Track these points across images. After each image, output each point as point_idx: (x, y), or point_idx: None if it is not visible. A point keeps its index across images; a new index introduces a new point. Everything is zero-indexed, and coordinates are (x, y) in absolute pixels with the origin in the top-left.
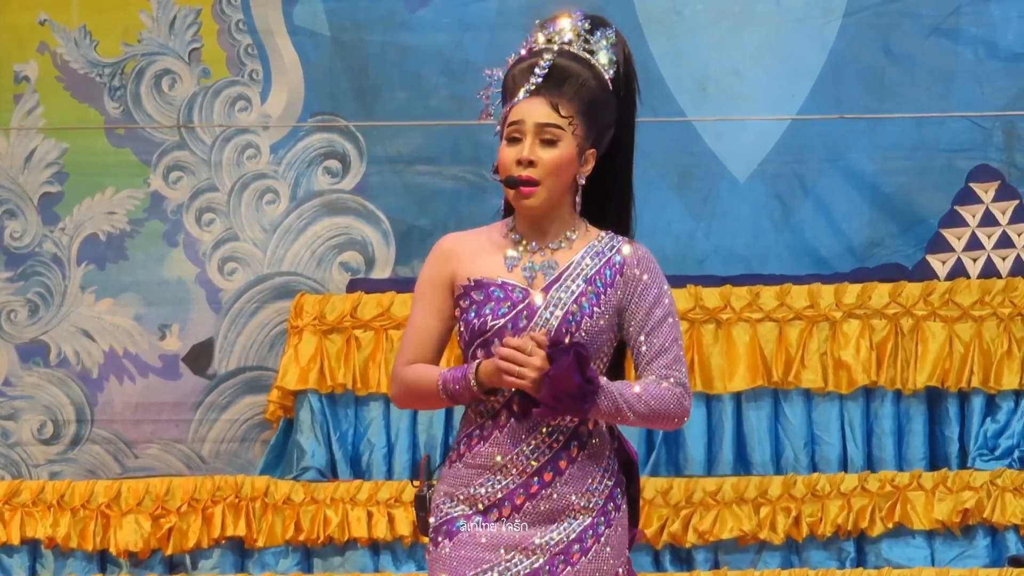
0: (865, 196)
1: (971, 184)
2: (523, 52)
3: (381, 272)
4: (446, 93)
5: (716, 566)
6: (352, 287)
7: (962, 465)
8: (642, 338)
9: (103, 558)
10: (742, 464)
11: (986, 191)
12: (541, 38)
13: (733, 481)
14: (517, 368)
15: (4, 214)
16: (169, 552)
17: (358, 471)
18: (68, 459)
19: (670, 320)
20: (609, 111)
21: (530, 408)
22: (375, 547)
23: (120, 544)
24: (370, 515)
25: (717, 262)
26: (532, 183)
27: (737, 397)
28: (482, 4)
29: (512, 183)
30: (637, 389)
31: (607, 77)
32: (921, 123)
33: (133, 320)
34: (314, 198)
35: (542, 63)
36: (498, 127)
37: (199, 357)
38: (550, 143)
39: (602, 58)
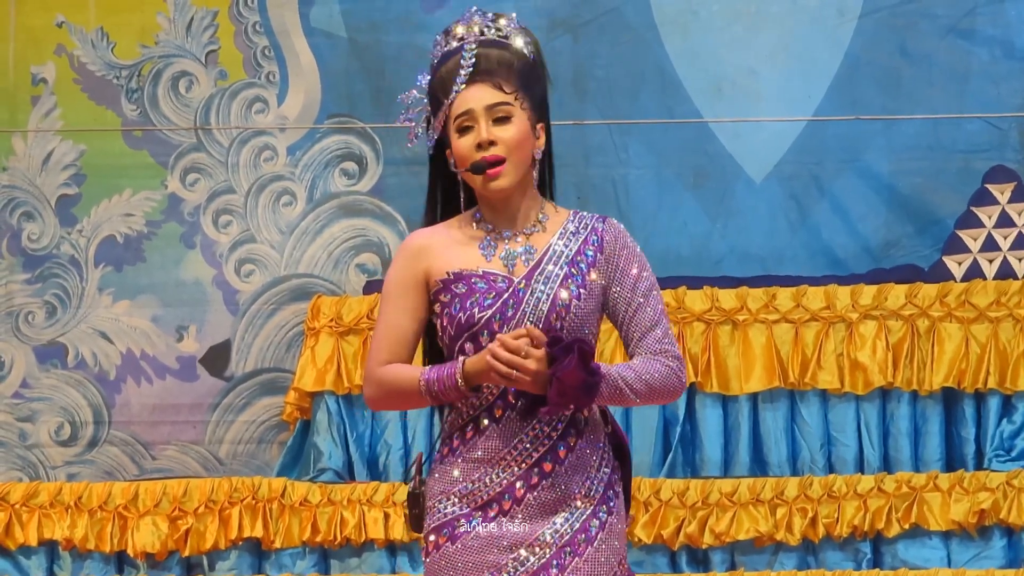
0: (881, 197)
1: (987, 185)
2: (438, 57)
3: None
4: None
5: (733, 567)
6: (369, 289)
7: (978, 466)
8: (630, 315)
9: (120, 559)
10: (758, 465)
11: (1002, 192)
12: (452, 40)
13: (749, 482)
14: (515, 373)
15: (22, 216)
16: (186, 553)
17: (375, 472)
18: (85, 461)
19: (654, 293)
20: (541, 84)
21: (535, 407)
22: (392, 548)
23: (137, 545)
24: (387, 516)
25: (733, 263)
26: (498, 161)
27: (753, 398)
28: (499, 5)
29: (479, 168)
30: (636, 369)
31: (528, 56)
32: (937, 124)
33: (150, 322)
34: (331, 200)
35: (466, 53)
36: (432, 133)
37: (216, 359)
38: (504, 120)
39: (518, 41)
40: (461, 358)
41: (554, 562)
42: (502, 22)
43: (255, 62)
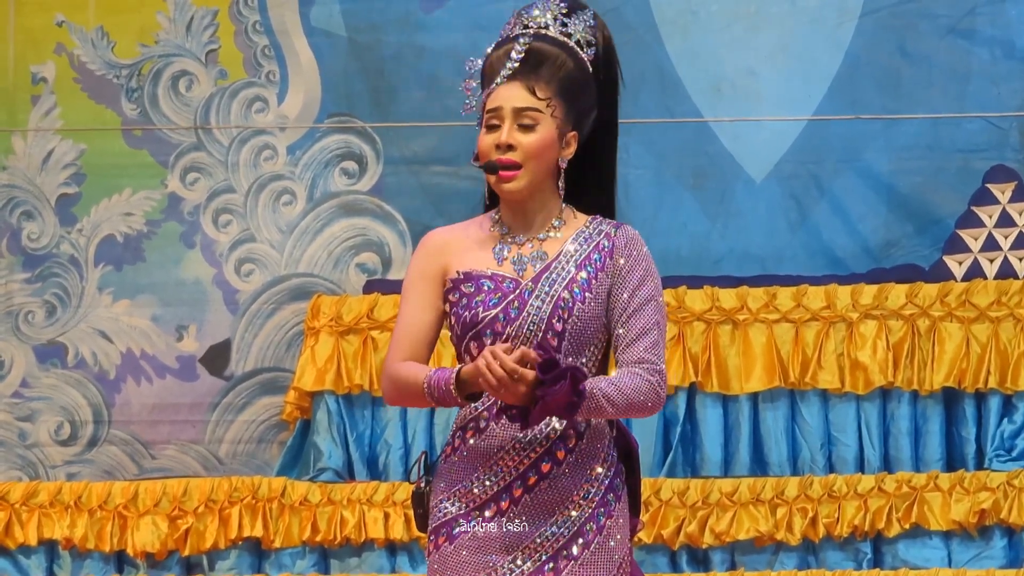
0: (881, 197)
1: (988, 184)
2: (502, 37)
3: (398, 273)
4: (462, 94)
5: (733, 567)
6: (369, 288)
7: (979, 466)
8: (623, 320)
9: (120, 559)
10: (759, 465)
11: (1003, 192)
12: (518, 24)
13: (750, 482)
14: (503, 391)
15: (22, 215)
16: (186, 553)
17: (375, 472)
18: (85, 460)
19: (653, 304)
20: (589, 93)
21: (517, 418)
22: (392, 548)
23: (137, 545)
24: (387, 516)
25: (733, 263)
26: (513, 167)
27: (754, 398)
28: (498, 5)
29: (492, 168)
30: (617, 384)
31: (586, 58)
32: (937, 123)
33: (150, 321)
34: (331, 199)
35: (518, 47)
36: (478, 110)
37: (216, 358)
38: (528, 128)
39: (580, 40)
40: (458, 366)
41: (549, 565)
42: (571, 19)
43: (255, 61)
